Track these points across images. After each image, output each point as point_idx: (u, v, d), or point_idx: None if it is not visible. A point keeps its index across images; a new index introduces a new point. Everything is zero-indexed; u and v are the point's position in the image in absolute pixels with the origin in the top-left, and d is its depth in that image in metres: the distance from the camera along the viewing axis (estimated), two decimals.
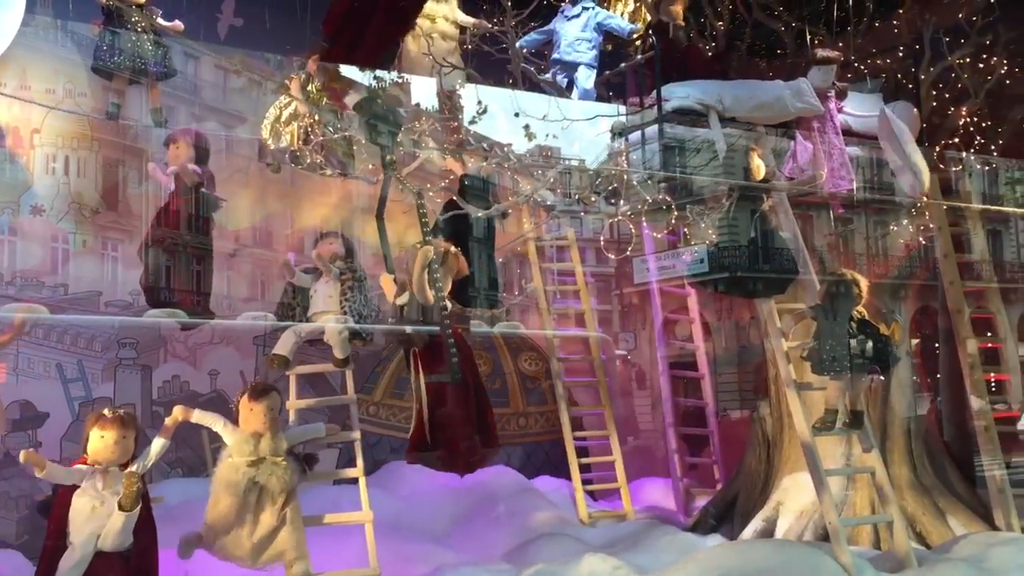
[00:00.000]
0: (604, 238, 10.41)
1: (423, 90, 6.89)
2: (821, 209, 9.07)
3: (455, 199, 6.55)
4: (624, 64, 8.80)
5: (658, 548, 7.60)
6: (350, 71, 6.23)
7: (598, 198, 7.65)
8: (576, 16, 8.71)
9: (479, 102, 6.76)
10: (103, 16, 6.10)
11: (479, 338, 6.95)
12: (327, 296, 6.15)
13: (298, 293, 6.30)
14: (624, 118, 8.34)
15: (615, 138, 8.24)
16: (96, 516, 4.94)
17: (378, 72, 6.31)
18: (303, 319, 6.19)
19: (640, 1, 9.20)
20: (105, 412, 5.10)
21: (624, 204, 7.60)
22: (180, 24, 6.44)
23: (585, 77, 8.60)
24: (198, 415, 5.47)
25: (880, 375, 7.32)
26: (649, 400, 11.77)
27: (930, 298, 9.78)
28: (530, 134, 6.74)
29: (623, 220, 8.01)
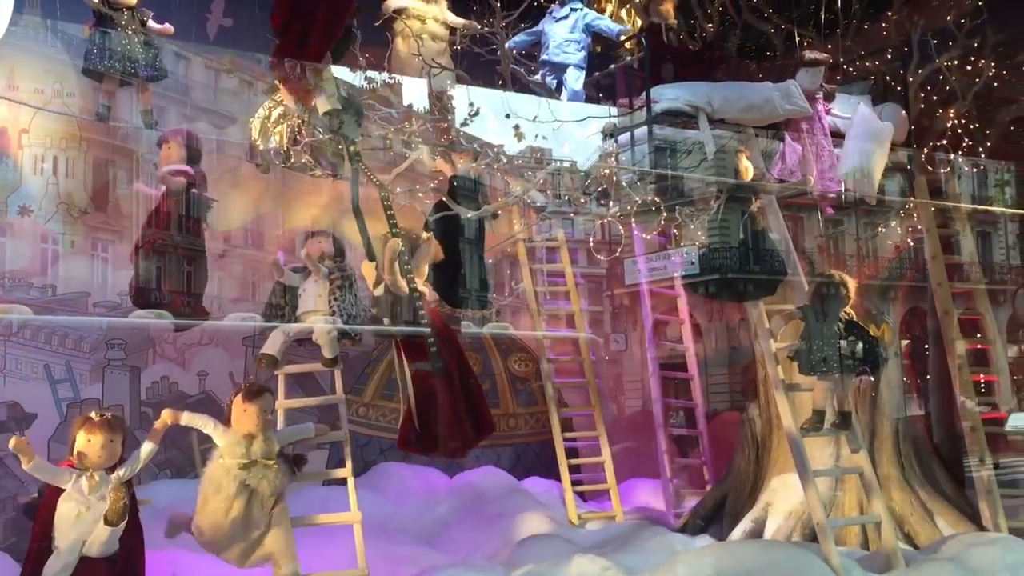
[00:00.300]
0: (594, 239, 10.40)
1: (414, 91, 6.86)
2: (810, 211, 9.10)
3: (445, 200, 6.54)
4: (613, 65, 8.82)
5: (647, 549, 7.60)
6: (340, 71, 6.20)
7: (588, 199, 7.65)
8: (564, 17, 8.73)
9: (471, 104, 6.74)
10: (94, 18, 6.07)
11: (469, 338, 6.90)
12: (316, 295, 6.13)
13: (287, 292, 6.27)
14: (615, 120, 8.36)
15: (606, 139, 8.25)
16: (81, 522, 4.88)
17: (369, 72, 6.29)
18: (292, 318, 6.17)
19: (628, 4, 9.22)
20: (92, 415, 5.00)
21: (614, 205, 7.60)
22: (170, 28, 6.41)
23: (574, 78, 8.62)
24: (187, 417, 5.38)
25: (869, 376, 7.36)
26: (639, 400, 11.79)
27: (919, 299, 9.82)
28: (519, 134, 6.72)
29: (613, 221, 8.01)
